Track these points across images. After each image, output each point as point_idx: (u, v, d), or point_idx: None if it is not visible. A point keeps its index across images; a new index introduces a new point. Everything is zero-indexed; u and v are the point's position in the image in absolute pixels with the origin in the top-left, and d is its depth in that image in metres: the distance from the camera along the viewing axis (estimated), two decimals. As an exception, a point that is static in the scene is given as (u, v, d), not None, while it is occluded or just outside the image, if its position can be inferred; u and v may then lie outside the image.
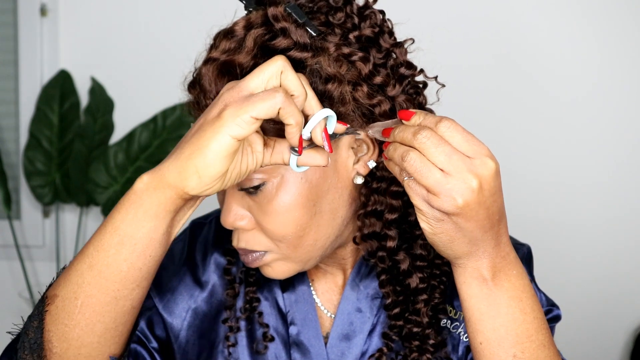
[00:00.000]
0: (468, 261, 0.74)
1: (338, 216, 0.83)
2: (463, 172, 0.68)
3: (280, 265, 0.85)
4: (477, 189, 0.68)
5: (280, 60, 0.70)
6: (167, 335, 0.93)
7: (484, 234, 0.72)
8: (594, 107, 2.01)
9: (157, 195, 0.71)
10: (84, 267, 0.74)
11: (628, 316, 2.07)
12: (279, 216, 0.79)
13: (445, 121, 0.69)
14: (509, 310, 0.75)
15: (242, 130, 0.67)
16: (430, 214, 0.70)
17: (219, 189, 0.71)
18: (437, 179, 0.68)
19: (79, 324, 0.74)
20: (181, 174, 0.69)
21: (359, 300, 0.92)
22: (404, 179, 0.71)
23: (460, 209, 0.68)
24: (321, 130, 0.72)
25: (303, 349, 0.92)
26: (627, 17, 1.97)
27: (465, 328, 0.79)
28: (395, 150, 0.71)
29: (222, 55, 0.78)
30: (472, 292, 0.75)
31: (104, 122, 2.14)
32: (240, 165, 0.72)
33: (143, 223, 0.72)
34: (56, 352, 0.75)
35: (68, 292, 0.74)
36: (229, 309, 0.93)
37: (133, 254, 0.73)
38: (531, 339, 0.76)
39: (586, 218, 2.05)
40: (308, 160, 0.74)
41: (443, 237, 0.72)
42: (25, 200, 2.22)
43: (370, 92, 0.79)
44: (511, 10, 2.00)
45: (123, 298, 0.74)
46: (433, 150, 0.68)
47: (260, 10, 0.79)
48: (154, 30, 2.11)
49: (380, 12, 0.83)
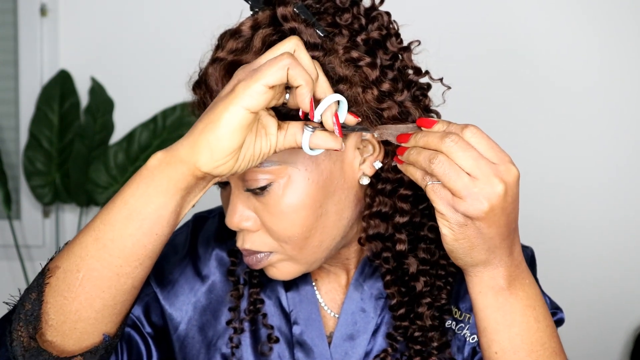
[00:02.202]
0: (485, 269, 0.74)
1: (344, 217, 0.83)
2: (490, 176, 0.69)
3: (285, 266, 0.85)
4: (503, 194, 0.69)
5: (294, 39, 0.70)
6: (164, 323, 0.92)
7: (501, 242, 0.72)
8: (594, 107, 2.02)
9: (169, 171, 0.70)
10: (89, 240, 0.73)
11: (628, 316, 2.07)
12: (286, 217, 0.79)
13: (471, 127, 0.70)
14: (523, 319, 0.75)
15: (255, 101, 0.67)
16: (453, 219, 0.71)
17: (230, 169, 0.70)
18: (465, 182, 0.69)
19: (78, 297, 0.73)
20: (193, 149, 0.69)
21: (363, 300, 0.92)
22: (427, 184, 0.71)
23: (485, 214, 0.69)
24: (332, 113, 0.71)
25: (306, 348, 0.92)
26: (628, 17, 1.98)
27: (478, 337, 0.79)
28: (419, 153, 0.71)
29: (229, 55, 0.78)
30: (488, 302, 0.75)
31: (104, 122, 2.14)
32: (254, 148, 0.71)
33: (152, 199, 0.71)
34: (52, 325, 0.74)
35: (70, 264, 0.73)
36: (233, 311, 0.93)
37: (139, 230, 0.72)
38: (544, 346, 0.76)
39: (586, 219, 2.05)
40: (321, 143, 0.72)
41: (464, 244, 0.72)
42: (25, 200, 2.22)
43: (379, 96, 0.79)
44: (514, 10, 2.01)
45: (125, 275, 0.73)
46: (461, 154, 0.69)
47: (267, 11, 0.79)
48: (154, 30, 2.11)
49: (386, 13, 0.83)
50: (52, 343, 0.74)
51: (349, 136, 0.80)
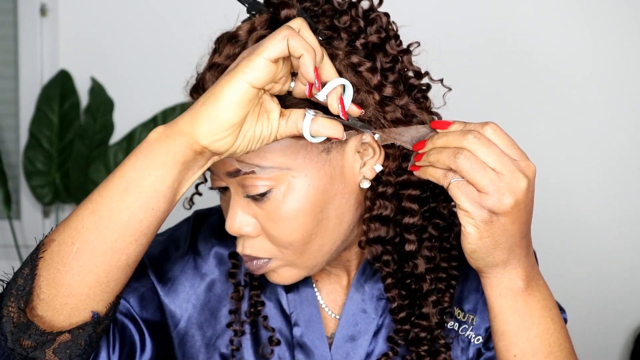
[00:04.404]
0: (504, 270, 0.75)
1: (344, 221, 0.83)
2: (514, 171, 0.70)
3: (286, 271, 0.85)
4: (526, 189, 0.70)
5: (299, 19, 0.71)
6: (162, 317, 0.92)
7: (520, 240, 0.73)
8: (596, 107, 2.01)
9: (168, 144, 0.70)
10: (85, 212, 0.73)
11: (628, 316, 2.07)
12: (286, 223, 0.79)
13: (491, 124, 0.71)
14: (542, 321, 0.76)
15: (257, 74, 0.67)
16: (479, 216, 0.71)
17: (229, 147, 0.70)
18: (491, 177, 0.69)
19: (71, 271, 0.72)
20: (193, 120, 0.69)
21: (364, 301, 0.92)
22: (450, 181, 0.71)
23: (511, 208, 0.70)
24: (337, 96, 0.71)
25: (307, 350, 0.92)
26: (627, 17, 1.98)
27: (495, 340, 0.79)
28: (440, 152, 0.72)
29: (226, 61, 0.78)
30: (508, 304, 0.76)
31: (104, 122, 2.14)
32: (254, 129, 0.71)
33: (150, 171, 0.71)
34: (43, 299, 0.73)
35: (65, 237, 0.73)
36: (234, 313, 0.93)
37: (136, 203, 0.71)
38: (561, 347, 0.77)
39: (585, 218, 2.05)
40: (322, 129, 0.73)
41: (488, 242, 0.72)
42: (25, 200, 2.22)
43: (382, 100, 0.79)
44: (515, 10, 2.01)
45: (119, 251, 0.73)
46: (485, 150, 0.70)
47: (264, 14, 0.79)
48: (154, 30, 2.11)
49: (385, 14, 0.83)
50: (42, 318, 0.73)
51: (349, 140, 0.80)
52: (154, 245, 0.94)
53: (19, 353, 0.73)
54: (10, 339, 0.73)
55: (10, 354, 0.74)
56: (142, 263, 0.91)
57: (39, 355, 0.73)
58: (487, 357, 0.90)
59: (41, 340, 0.73)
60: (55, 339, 0.73)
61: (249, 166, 0.78)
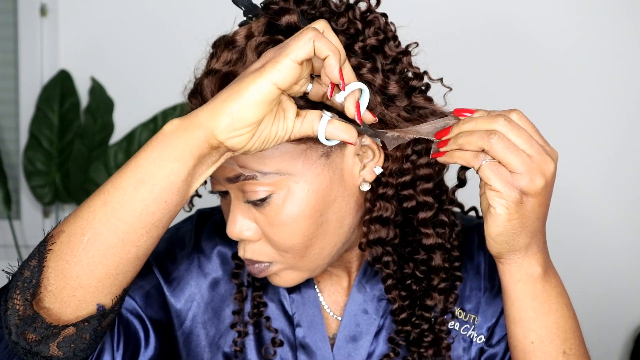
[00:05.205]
0: (525, 256, 0.75)
1: (345, 224, 0.83)
2: (543, 154, 0.71)
3: (287, 274, 0.85)
4: (553, 172, 0.72)
5: (322, 21, 0.71)
6: (166, 315, 0.91)
7: (542, 226, 0.75)
8: (601, 105, 2.01)
9: (185, 136, 0.70)
10: (97, 203, 0.72)
11: (628, 316, 2.08)
12: (286, 228, 0.79)
13: (517, 111, 0.73)
14: (559, 307, 0.78)
15: (283, 75, 0.68)
16: (510, 197, 0.71)
17: (245, 144, 0.70)
18: (524, 158, 0.71)
19: (81, 262, 0.71)
20: (213, 114, 0.69)
21: (365, 301, 0.92)
22: (482, 163, 0.72)
23: (542, 189, 0.71)
24: (355, 99, 0.72)
25: (309, 351, 0.92)
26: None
27: (510, 329, 0.79)
28: (470, 134, 0.72)
29: (224, 67, 0.78)
30: (527, 291, 0.77)
31: (104, 122, 2.14)
32: (270, 129, 0.71)
33: (166, 163, 0.70)
34: (51, 290, 0.72)
35: (76, 228, 0.72)
36: (237, 314, 0.93)
37: (150, 195, 0.71)
38: (575, 334, 0.78)
39: (585, 218, 2.05)
40: (337, 133, 0.73)
41: (516, 224, 0.73)
42: (25, 200, 2.22)
43: (385, 101, 0.79)
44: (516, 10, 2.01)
45: (130, 243, 0.72)
46: (516, 132, 0.71)
47: (262, 18, 0.78)
48: (154, 30, 2.11)
49: (382, 15, 0.83)
50: (49, 310, 0.72)
51: (347, 146, 0.80)
52: (159, 243, 0.94)
53: (23, 347, 0.72)
54: (15, 332, 0.72)
55: (14, 347, 0.72)
56: (147, 261, 0.91)
57: (43, 350, 0.72)
58: (490, 354, 0.90)
59: (46, 334, 0.72)
60: (60, 332, 0.73)
61: (250, 171, 0.78)
